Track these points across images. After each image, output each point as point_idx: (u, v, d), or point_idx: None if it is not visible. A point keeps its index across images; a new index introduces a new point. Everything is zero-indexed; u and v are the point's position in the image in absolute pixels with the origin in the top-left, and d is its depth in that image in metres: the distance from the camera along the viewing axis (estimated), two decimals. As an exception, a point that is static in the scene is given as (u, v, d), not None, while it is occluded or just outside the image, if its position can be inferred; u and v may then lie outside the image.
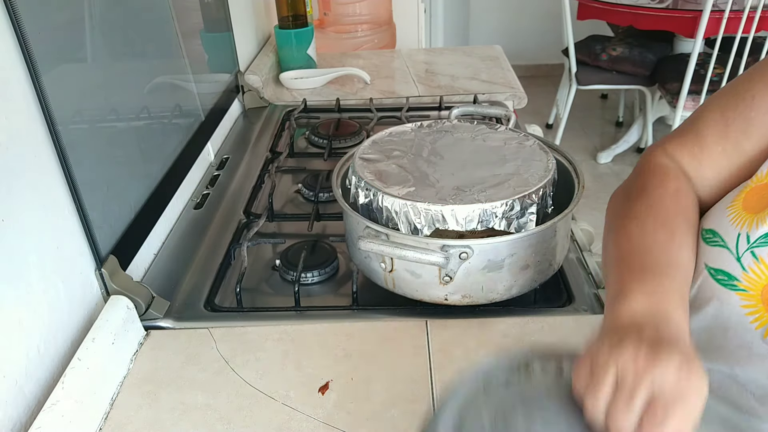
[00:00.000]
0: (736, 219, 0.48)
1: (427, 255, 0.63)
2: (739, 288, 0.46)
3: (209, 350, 0.67)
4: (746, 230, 0.46)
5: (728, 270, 0.47)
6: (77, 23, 0.69)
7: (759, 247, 0.45)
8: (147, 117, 0.86)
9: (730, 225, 0.48)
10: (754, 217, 0.46)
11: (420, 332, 0.68)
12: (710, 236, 0.50)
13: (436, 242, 0.64)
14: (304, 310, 0.74)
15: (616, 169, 2.92)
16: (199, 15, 1.11)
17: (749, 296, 0.46)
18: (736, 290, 0.47)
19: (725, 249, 0.47)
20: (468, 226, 0.66)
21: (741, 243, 0.46)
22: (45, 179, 0.61)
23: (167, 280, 0.79)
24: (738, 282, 0.46)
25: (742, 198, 0.49)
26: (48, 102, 0.60)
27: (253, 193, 1.00)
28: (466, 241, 0.64)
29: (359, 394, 0.61)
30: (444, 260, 0.64)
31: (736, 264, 0.46)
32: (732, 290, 0.47)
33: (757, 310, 0.45)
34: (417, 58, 1.68)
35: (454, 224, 0.66)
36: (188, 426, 0.58)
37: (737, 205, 0.48)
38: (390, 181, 0.70)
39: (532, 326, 0.68)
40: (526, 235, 0.65)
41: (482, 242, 0.64)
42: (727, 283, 0.47)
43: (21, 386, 0.56)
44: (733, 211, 0.48)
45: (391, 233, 0.66)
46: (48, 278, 0.61)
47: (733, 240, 0.47)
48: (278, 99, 1.42)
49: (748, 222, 0.47)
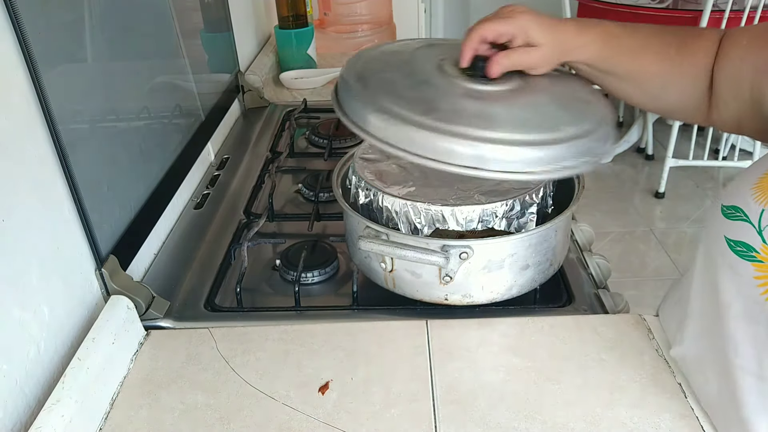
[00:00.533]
0: (760, 197, 0.50)
1: (427, 255, 0.64)
2: (756, 259, 0.49)
3: (209, 350, 0.67)
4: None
5: (748, 242, 0.50)
6: (77, 23, 0.69)
7: None
8: (147, 117, 0.86)
9: (754, 202, 0.50)
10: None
11: (420, 332, 0.68)
12: (732, 212, 0.52)
13: (436, 242, 0.64)
14: (304, 310, 0.74)
15: (616, 169, 2.92)
16: (199, 15, 1.11)
17: (764, 267, 0.48)
18: (753, 261, 0.49)
19: (747, 223, 0.50)
20: (468, 226, 0.66)
21: (764, 218, 0.49)
22: (45, 179, 0.61)
23: (167, 280, 0.79)
24: (756, 253, 0.49)
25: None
26: (48, 102, 0.60)
27: (253, 193, 1.00)
28: (466, 241, 0.64)
29: (359, 394, 0.61)
30: (444, 260, 0.64)
31: (757, 237, 0.49)
32: (749, 261, 0.49)
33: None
34: (417, 58, 1.68)
35: (454, 224, 0.66)
36: (188, 426, 0.58)
37: (763, 185, 0.51)
38: (390, 181, 0.70)
39: (532, 326, 0.68)
40: (526, 235, 0.65)
41: (482, 242, 0.64)
42: (745, 255, 0.50)
43: (21, 386, 0.56)
44: (758, 190, 0.51)
45: (391, 233, 0.66)
46: (48, 278, 0.61)
47: (757, 215, 0.50)
48: (278, 99, 1.42)
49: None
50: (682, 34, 0.66)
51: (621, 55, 0.66)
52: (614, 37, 0.65)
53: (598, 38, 0.65)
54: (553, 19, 0.65)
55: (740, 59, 0.61)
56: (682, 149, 2.64)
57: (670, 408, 0.58)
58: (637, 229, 2.50)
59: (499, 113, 0.59)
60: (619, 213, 2.60)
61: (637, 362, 0.63)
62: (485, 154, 0.56)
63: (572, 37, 0.65)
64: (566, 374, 0.62)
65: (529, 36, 0.63)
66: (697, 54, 0.64)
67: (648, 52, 0.66)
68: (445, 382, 0.61)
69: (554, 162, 0.57)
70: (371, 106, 0.60)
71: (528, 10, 0.64)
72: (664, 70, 0.66)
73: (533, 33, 0.63)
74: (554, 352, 0.64)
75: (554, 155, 0.57)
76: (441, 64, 0.66)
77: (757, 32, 0.61)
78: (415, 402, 0.59)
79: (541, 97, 0.64)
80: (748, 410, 0.50)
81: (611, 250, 2.36)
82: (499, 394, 0.60)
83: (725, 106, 0.64)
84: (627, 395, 0.59)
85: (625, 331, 0.67)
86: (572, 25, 0.65)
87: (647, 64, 0.66)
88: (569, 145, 0.58)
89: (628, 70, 0.67)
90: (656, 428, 0.56)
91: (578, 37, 0.65)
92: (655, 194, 2.70)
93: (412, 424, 0.57)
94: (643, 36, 0.66)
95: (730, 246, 0.51)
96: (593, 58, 0.66)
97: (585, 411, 0.58)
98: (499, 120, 0.58)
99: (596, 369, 0.62)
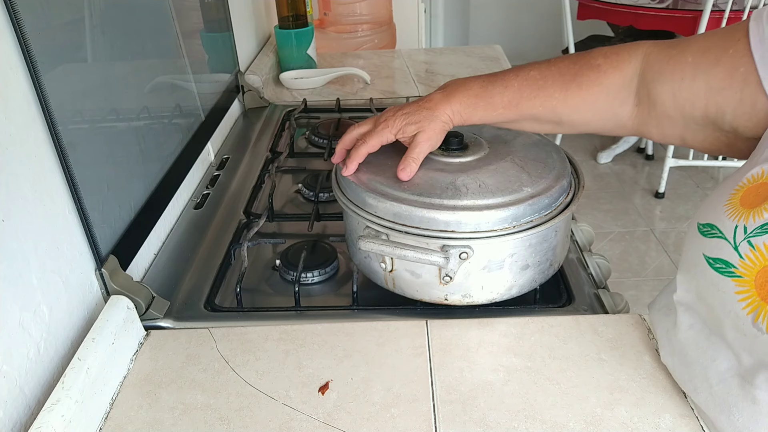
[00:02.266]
0: (733, 213, 0.51)
1: (427, 255, 0.64)
2: (735, 275, 0.49)
3: (209, 350, 0.67)
4: (743, 222, 0.49)
5: (726, 258, 0.50)
6: (77, 23, 0.69)
7: (755, 237, 0.48)
8: (147, 117, 0.86)
9: (727, 219, 0.51)
10: (750, 211, 0.49)
11: (420, 332, 0.68)
12: (708, 229, 0.53)
13: (436, 242, 0.64)
14: (304, 310, 0.74)
15: (616, 169, 2.92)
16: (199, 15, 1.11)
17: (744, 282, 0.49)
18: (732, 276, 0.50)
19: (723, 239, 0.50)
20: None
21: (738, 233, 0.49)
22: (45, 179, 0.61)
23: (167, 280, 0.79)
24: (735, 269, 0.49)
25: (740, 196, 0.51)
26: (48, 102, 0.60)
27: (253, 193, 1.00)
28: (466, 241, 0.64)
29: (359, 394, 0.61)
30: (444, 260, 0.64)
31: (734, 252, 0.49)
32: (729, 277, 0.50)
33: (749, 295, 0.48)
34: (417, 58, 1.68)
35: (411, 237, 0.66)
36: (188, 426, 0.58)
37: (734, 201, 0.51)
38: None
39: (532, 326, 0.68)
40: (526, 235, 0.65)
41: (482, 242, 0.64)
42: (724, 271, 0.50)
43: (21, 386, 0.56)
44: (731, 206, 0.51)
45: (392, 233, 0.66)
46: (48, 278, 0.61)
47: (731, 231, 0.50)
48: (278, 99, 1.42)
49: (744, 215, 0.49)
50: (572, 71, 0.67)
51: (496, 110, 0.69)
52: (484, 98, 0.68)
53: (465, 104, 0.69)
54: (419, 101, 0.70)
55: (690, 78, 0.59)
56: (682, 149, 2.64)
57: (670, 408, 0.58)
58: (637, 229, 2.51)
59: (467, 183, 0.66)
60: (619, 213, 2.60)
61: (637, 362, 0.63)
62: (459, 219, 0.64)
63: (441, 108, 0.68)
64: (566, 374, 0.62)
65: (405, 132, 0.69)
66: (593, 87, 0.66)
67: (526, 99, 0.68)
68: (445, 382, 0.62)
69: (516, 220, 0.64)
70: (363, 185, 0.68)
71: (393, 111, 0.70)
72: (551, 110, 0.68)
73: (406, 127, 0.68)
74: (554, 352, 0.64)
75: (516, 214, 0.64)
76: None
77: (700, 48, 0.60)
78: (415, 402, 0.60)
79: (504, 163, 0.70)
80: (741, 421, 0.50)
81: (611, 250, 2.36)
82: (499, 394, 0.60)
83: (669, 122, 0.64)
84: (627, 395, 0.59)
85: (625, 331, 0.67)
86: (438, 96, 0.69)
87: (529, 109, 0.68)
88: (530, 203, 0.65)
89: (511, 118, 0.70)
90: (656, 428, 0.56)
91: (446, 107, 0.68)
92: (655, 194, 2.70)
93: (412, 424, 0.57)
94: (517, 87, 0.68)
95: (710, 263, 0.51)
96: (472, 120, 0.69)
97: (585, 411, 0.58)
98: (466, 189, 0.66)
99: (596, 369, 0.62)
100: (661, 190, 2.67)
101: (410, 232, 0.64)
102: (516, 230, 0.64)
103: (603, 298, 0.73)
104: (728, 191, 0.53)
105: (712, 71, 0.58)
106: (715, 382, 0.52)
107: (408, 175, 0.67)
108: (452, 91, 0.69)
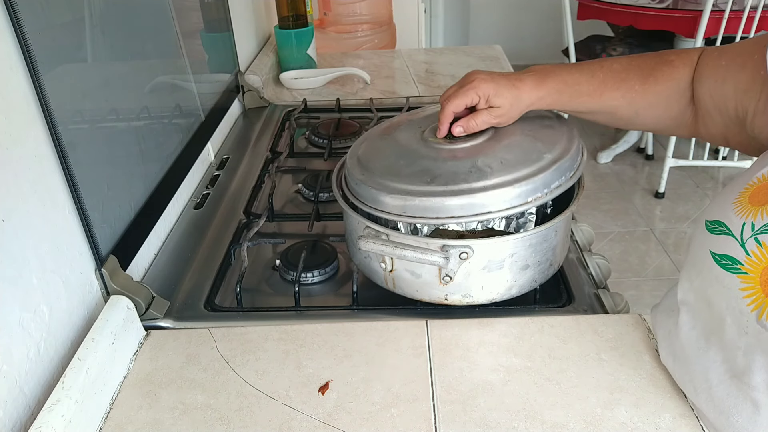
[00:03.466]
0: (741, 211, 0.51)
1: (427, 255, 0.64)
2: (741, 271, 0.50)
3: (209, 350, 0.67)
4: (751, 219, 0.50)
5: (732, 254, 0.51)
6: (77, 23, 0.69)
7: (762, 234, 0.49)
8: (147, 117, 0.86)
9: (735, 216, 0.52)
10: (759, 209, 0.50)
11: (420, 332, 0.68)
12: (716, 226, 0.53)
13: (436, 242, 0.64)
14: (304, 310, 0.74)
15: (616, 169, 2.92)
16: (199, 15, 1.11)
17: (749, 279, 0.49)
18: (738, 273, 0.50)
19: (730, 236, 0.51)
20: (468, 226, 0.66)
21: (746, 230, 0.50)
22: (45, 179, 0.61)
23: (167, 280, 0.79)
24: (741, 266, 0.50)
25: (749, 194, 0.52)
26: (48, 102, 0.60)
27: (253, 193, 1.00)
28: (466, 241, 0.64)
29: (359, 394, 0.61)
30: (444, 260, 0.64)
31: (740, 249, 0.50)
32: (734, 273, 0.50)
33: (754, 292, 0.49)
34: (417, 58, 1.68)
35: (454, 224, 0.66)
36: (188, 426, 0.58)
37: (743, 199, 0.52)
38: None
39: (532, 326, 0.68)
40: (526, 235, 0.65)
41: (482, 242, 0.64)
42: (730, 267, 0.51)
43: (21, 386, 0.56)
44: (739, 204, 0.52)
45: (391, 233, 0.66)
46: (48, 278, 0.61)
47: (738, 228, 0.51)
48: (278, 99, 1.42)
49: (752, 213, 0.50)
50: (650, 65, 0.70)
51: (580, 97, 0.70)
52: (571, 84, 0.70)
53: (554, 89, 0.70)
54: (510, 77, 0.71)
55: (722, 79, 0.64)
56: (682, 149, 2.64)
57: (670, 408, 0.58)
58: (637, 229, 2.51)
59: (488, 162, 0.66)
60: (619, 213, 2.60)
61: (637, 362, 0.63)
62: (488, 200, 0.63)
63: (529, 92, 0.70)
64: (566, 374, 0.62)
65: (490, 101, 0.70)
66: (668, 81, 0.68)
67: (609, 90, 0.70)
68: (445, 382, 0.62)
69: (546, 187, 0.65)
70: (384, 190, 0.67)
71: (487, 77, 0.70)
72: (629, 102, 0.70)
73: (493, 98, 0.70)
74: (554, 352, 0.64)
75: (544, 182, 0.65)
76: (424, 137, 0.74)
77: (733, 53, 0.64)
78: (415, 402, 0.60)
79: (515, 137, 0.71)
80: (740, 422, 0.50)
81: (611, 250, 2.36)
82: (499, 394, 0.60)
83: (711, 121, 0.67)
84: (627, 395, 0.59)
85: (625, 331, 0.67)
86: (530, 79, 0.71)
87: (610, 100, 0.70)
88: (554, 168, 0.65)
89: (591, 108, 0.72)
90: (656, 428, 0.56)
91: (535, 91, 0.70)
92: (655, 194, 2.70)
93: (412, 424, 0.57)
94: (602, 78, 0.70)
95: (716, 260, 0.52)
96: (554, 106, 0.71)
97: (585, 411, 0.58)
98: (489, 168, 0.65)
99: (596, 369, 0.62)
100: (661, 190, 2.67)
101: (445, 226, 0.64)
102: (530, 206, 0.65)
103: (603, 298, 0.73)
104: (738, 189, 0.53)
105: (739, 74, 0.62)
106: (715, 383, 0.52)
107: (458, 133, 0.71)
108: (544, 76, 0.71)
